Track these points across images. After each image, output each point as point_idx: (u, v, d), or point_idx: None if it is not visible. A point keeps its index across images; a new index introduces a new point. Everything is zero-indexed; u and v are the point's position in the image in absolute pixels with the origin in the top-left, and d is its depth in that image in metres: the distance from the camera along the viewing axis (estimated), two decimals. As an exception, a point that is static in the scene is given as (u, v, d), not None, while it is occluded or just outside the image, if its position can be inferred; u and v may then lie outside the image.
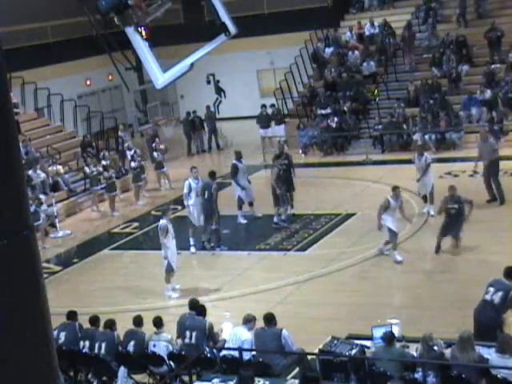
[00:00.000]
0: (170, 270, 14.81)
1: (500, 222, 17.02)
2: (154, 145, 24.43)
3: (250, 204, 19.42)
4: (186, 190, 17.48)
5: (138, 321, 11.16)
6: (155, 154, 23.77)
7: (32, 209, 19.04)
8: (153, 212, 21.58)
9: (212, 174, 17.24)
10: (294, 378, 9.93)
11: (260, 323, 10.67)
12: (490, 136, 20.09)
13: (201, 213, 17.22)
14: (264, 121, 27.30)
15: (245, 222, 19.22)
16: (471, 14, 28.60)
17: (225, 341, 10.83)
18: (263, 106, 27.70)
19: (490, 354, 9.16)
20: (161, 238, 14.72)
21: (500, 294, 10.34)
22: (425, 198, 18.17)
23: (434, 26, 28.48)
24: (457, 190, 15.61)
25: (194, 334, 10.79)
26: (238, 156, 19.29)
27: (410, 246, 16.35)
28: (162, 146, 24.20)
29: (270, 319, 10.47)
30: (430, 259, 16.06)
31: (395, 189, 15.50)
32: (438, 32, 28.24)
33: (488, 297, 10.39)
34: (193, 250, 17.31)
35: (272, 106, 27.83)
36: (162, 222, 14.74)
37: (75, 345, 11.20)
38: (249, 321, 10.64)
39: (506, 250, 15.08)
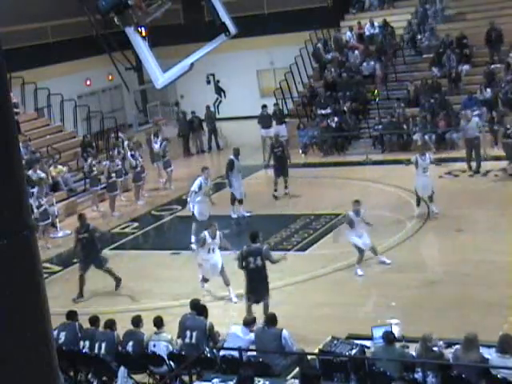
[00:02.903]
0: (205, 278, 14.76)
1: (500, 221, 17.01)
2: (156, 145, 24.41)
3: (240, 202, 19.72)
4: (195, 188, 17.47)
5: (137, 321, 11.16)
6: (162, 152, 23.81)
7: (42, 208, 19.06)
8: (153, 212, 21.59)
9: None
10: (294, 378, 9.93)
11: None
12: (472, 116, 22.05)
13: (204, 209, 17.48)
14: (265, 121, 27.30)
15: (235, 216, 19.64)
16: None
17: (224, 340, 10.84)
18: (264, 106, 27.69)
19: (490, 354, 9.16)
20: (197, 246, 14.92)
21: (259, 257, 12.48)
22: (418, 201, 18.00)
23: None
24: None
25: (194, 333, 10.79)
26: (236, 153, 19.86)
27: (409, 246, 16.35)
28: (160, 140, 24.29)
29: (271, 319, 10.50)
30: (430, 259, 16.08)
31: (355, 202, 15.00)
32: (438, 32, 28.29)
33: (253, 265, 12.49)
34: (194, 246, 17.26)
35: (275, 105, 27.80)
36: (202, 233, 14.59)
37: (75, 345, 11.20)
38: (249, 322, 10.65)
39: (506, 249, 15.09)
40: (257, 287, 12.69)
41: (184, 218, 18.44)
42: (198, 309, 11.26)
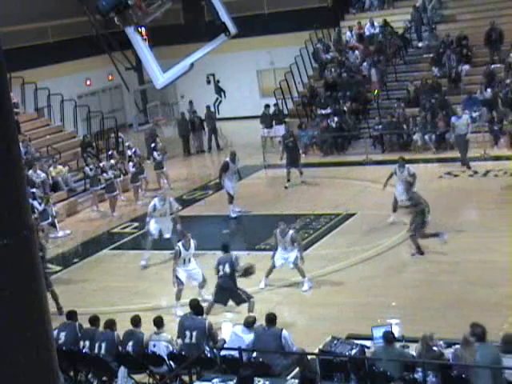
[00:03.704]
0: (178, 291, 13.88)
1: (500, 221, 17.00)
2: (153, 145, 24.39)
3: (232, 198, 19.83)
4: (151, 210, 17.09)
5: (136, 321, 11.16)
6: (155, 153, 23.75)
7: (41, 208, 19.06)
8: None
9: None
10: (293, 378, 9.93)
11: (260, 323, 10.68)
12: (464, 113, 22.49)
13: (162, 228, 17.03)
14: (268, 120, 27.30)
15: (234, 216, 19.61)
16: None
17: (224, 341, 10.84)
18: (267, 105, 27.67)
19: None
20: (174, 260, 14.07)
21: (227, 265, 12.99)
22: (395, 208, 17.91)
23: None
24: None
25: (194, 333, 10.80)
26: (232, 156, 19.84)
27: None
28: (160, 145, 24.17)
29: (271, 319, 10.50)
30: (429, 259, 16.06)
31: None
32: (438, 32, 28.30)
33: (222, 273, 13.06)
34: (143, 262, 16.95)
35: (274, 105, 27.80)
36: (176, 246, 14.10)
37: (75, 345, 11.20)
38: (250, 322, 10.66)
39: (506, 249, 15.09)
40: (224, 292, 13.08)
41: (184, 217, 18.41)
42: (198, 309, 11.26)
